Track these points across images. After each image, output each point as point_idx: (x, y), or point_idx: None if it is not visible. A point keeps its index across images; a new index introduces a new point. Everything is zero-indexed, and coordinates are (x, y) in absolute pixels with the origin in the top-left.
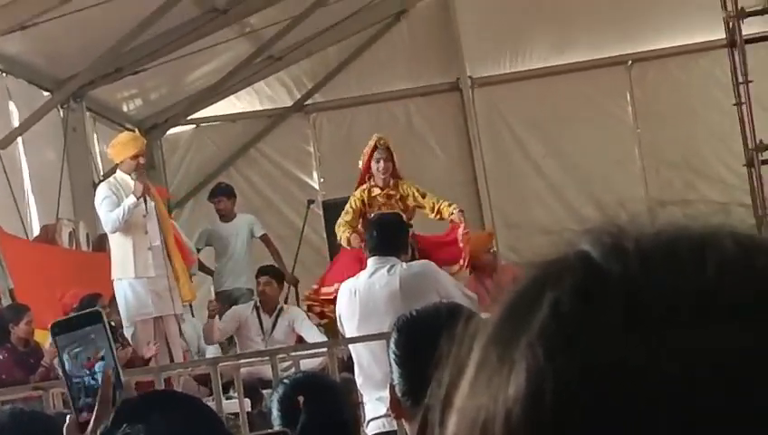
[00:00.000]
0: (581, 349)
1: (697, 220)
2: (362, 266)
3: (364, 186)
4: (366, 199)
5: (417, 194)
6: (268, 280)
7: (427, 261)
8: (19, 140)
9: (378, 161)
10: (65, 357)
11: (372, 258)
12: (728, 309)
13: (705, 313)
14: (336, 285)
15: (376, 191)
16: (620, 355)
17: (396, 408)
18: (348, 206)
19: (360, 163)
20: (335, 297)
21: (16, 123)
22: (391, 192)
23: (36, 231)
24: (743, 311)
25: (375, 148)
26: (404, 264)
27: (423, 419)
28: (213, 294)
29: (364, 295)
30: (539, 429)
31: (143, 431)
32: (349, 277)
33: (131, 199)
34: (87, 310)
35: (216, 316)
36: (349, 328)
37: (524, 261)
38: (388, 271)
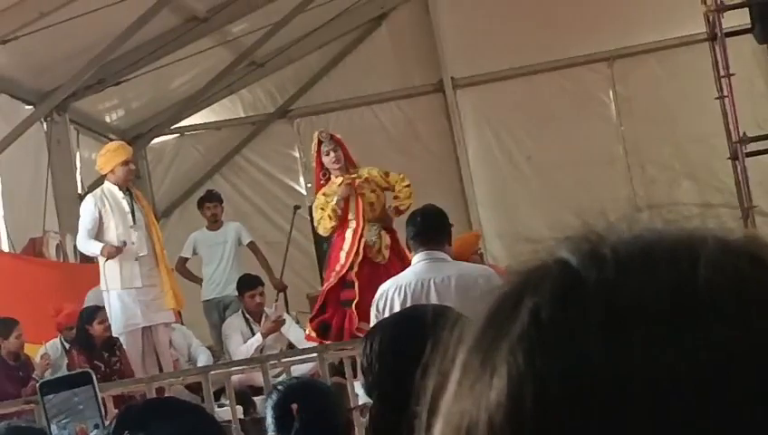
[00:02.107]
0: (560, 354)
1: (675, 224)
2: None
3: (324, 188)
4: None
5: (380, 174)
6: (262, 291)
7: (486, 267)
8: (3, 154)
9: (327, 154)
10: (54, 428)
11: (419, 253)
12: (703, 310)
13: (680, 315)
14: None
15: (338, 181)
16: (598, 360)
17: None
18: (317, 211)
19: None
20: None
21: None
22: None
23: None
24: (718, 311)
25: (320, 143)
26: (462, 263)
27: (408, 425)
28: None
29: (417, 293)
30: (520, 432)
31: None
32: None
33: (98, 251)
34: (77, 371)
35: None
36: None
37: (508, 266)
38: (440, 267)
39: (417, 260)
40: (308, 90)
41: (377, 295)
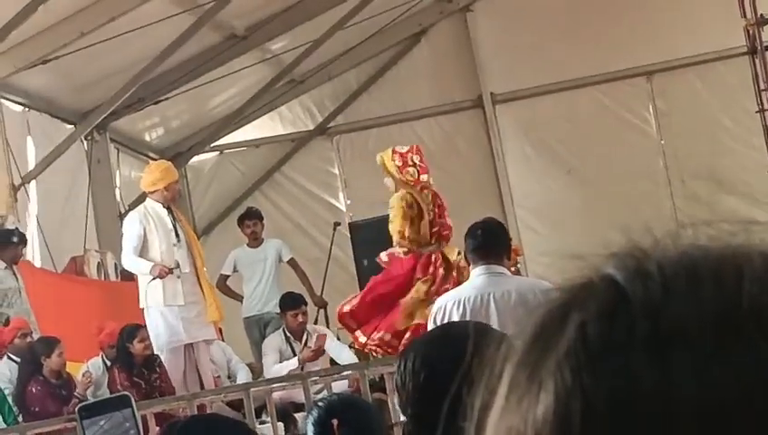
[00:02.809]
0: (607, 372)
1: (720, 240)
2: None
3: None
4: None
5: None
6: (305, 310)
7: (542, 280)
8: (44, 172)
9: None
10: None
11: (479, 267)
12: (749, 329)
13: (725, 335)
14: (382, 334)
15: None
16: (644, 379)
17: None
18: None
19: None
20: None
21: (34, 158)
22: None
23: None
24: (764, 329)
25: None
26: (520, 277)
27: None
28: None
29: (476, 307)
30: None
31: None
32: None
33: (146, 270)
34: (117, 394)
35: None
36: None
37: (552, 283)
38: (499, 281)
39: (477, 274)
40: (347, 106)
41: (434, 308)
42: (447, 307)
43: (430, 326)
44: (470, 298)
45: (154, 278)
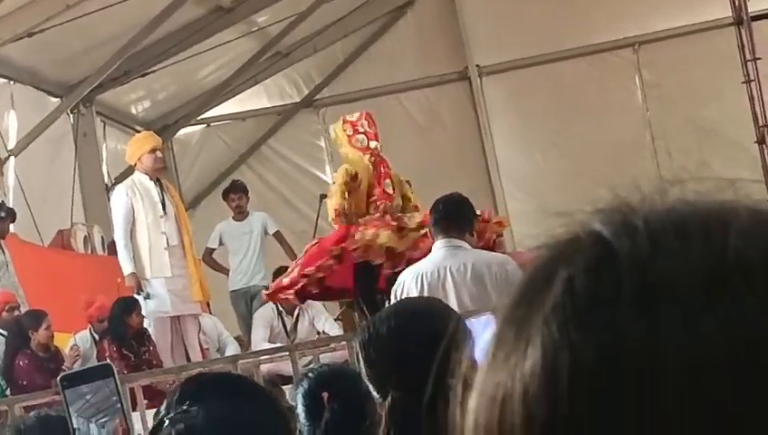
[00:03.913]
0: (594, 326)
1: (707, 196)
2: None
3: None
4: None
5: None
6: None
7: (506, 257)
8: (30, 146)
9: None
10: (93, 427)
11: (438, 240)
12: (735, 282)
13: (712, 287)
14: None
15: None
16: (631, 333)
17: None
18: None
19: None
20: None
21: (15, 132)
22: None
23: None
24: (750, 283)
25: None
26: (480, 251)
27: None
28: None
29: (433, 282)
30: (555, 403)
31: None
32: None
33: (126, 269)
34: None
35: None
36: None
37: (538, 243)
38: (456, 254)
39: (437, 248)
40: (333, 79)
41: (396, 284)
42: (407, 283)
43: (392, 300)
44: (428, 273)
45: (127, 284)
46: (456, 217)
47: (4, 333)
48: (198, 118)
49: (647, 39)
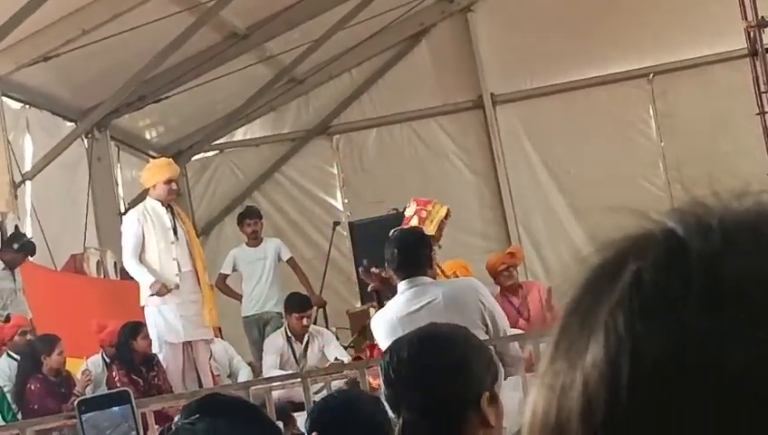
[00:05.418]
0: (660, 321)
1: None
2: None
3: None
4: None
5: None
6: (310, 314)
7: (470, 278)
8: (45, 170)
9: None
10: None
11: (402, 282)
12: None
13: None
14: None
15: None
16: (697, 332)
17: None
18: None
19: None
20: None
21: (31, 156)
22: None
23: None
24: None
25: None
26: (448, 280)
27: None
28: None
29: (406, 321)
30: (614, 395)
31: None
32: None
33: (146, 283)
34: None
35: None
36: None
37: (602, 239)
38: (425, 290)
39: (401, 290)
40: (347, 106)
41: (373, 329)
42: (382, 325)
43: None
44: (401, 316)
45: (152, 295)
46: (409, 259)
47: (17, 357)
48: (212, 144)
49: (661, 69)
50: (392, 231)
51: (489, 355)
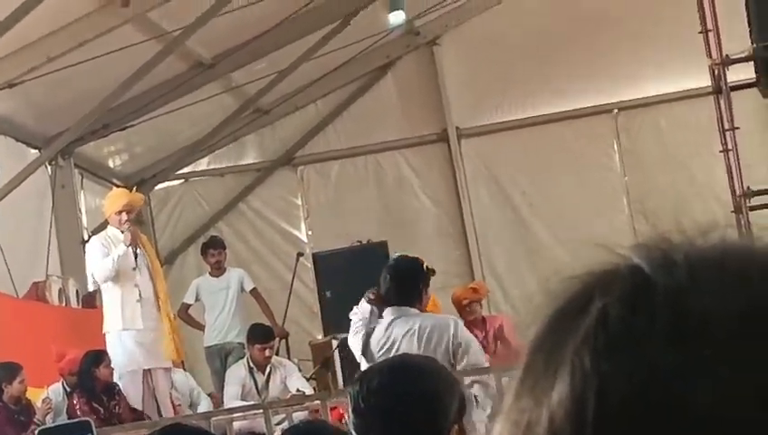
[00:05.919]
0: (626, 357)
1: (748, 240)
2: None
3: None
4: None
5: None
6: (273, 345)
7: (449, 317)
8: (8, 197)
9: None
10: None
11: (386, 310)
12: None
13: (747, 331)
14: None
15: None
16: (663, 368)
17: None
18: None
19: None
20: None
21: None
22: None
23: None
24: None
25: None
26: (428, 314)
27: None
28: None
29: (383, 349)
30: (580, 433)
31: None
32: None
33: (121, 248)
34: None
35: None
36: None
37: (567, 274)
38: (405, 321)
39: (385, 317)
40: (312, 137)
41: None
42: (359, 346)
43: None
44: (378, 341)
45: (128, 246)
46: (404, 286)
47: None
48: (177, 173)
49: (626, 105)
50: (395, 254)
51: (458, 388)
